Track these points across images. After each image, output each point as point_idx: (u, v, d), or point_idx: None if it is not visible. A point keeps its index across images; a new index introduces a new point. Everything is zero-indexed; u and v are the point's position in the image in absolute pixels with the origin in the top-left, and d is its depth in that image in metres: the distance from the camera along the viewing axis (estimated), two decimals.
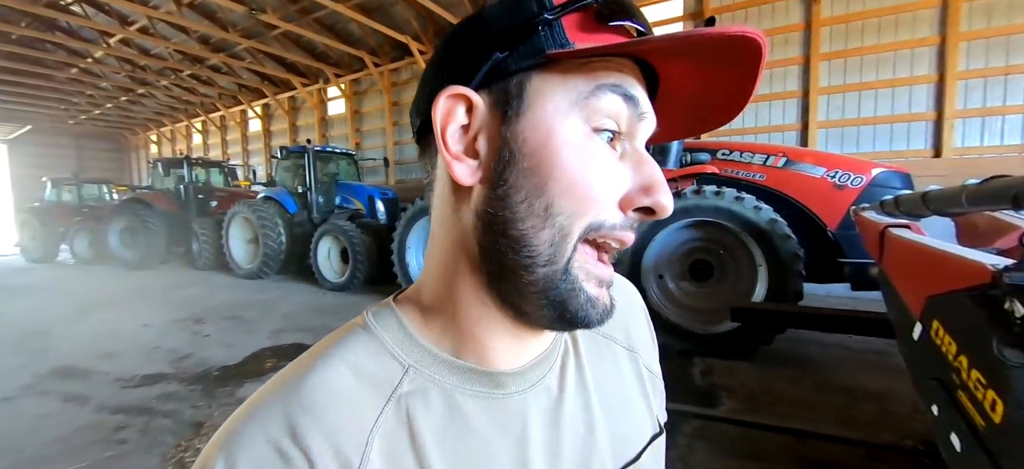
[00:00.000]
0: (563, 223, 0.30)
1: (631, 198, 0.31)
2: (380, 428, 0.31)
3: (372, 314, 0.36)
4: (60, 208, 11.15)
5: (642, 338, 0.48)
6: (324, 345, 0.34)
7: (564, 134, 0.30)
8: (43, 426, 2.69)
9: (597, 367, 0.41)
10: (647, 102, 0.32)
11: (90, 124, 18.68)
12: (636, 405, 0.44)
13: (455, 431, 0.32)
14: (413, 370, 0.33)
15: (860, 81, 5.71)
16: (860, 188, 3.53)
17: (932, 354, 1.16)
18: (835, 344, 3.54)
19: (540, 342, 0.38)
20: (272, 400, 0.30)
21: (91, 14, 10.10)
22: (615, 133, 0.31)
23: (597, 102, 0.30)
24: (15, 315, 5.58)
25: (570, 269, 0.30)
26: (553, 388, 0.37)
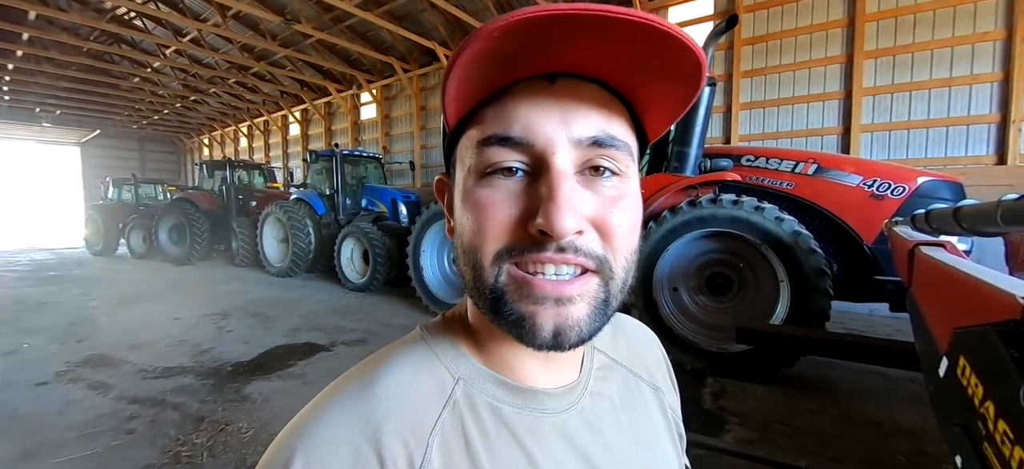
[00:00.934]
0: (474, 257, 0.33)
1: (523, 221, 0.32)
2: (438, 431, 0.33)
3: (426, 329, 0.40)
4: (120, 206, 12.12)
5: (665, 382, 0.51)
6: (386, 353, 0.38)
7: (465, 187, 0.34)
8: (67, 412, 2.87)
9: (626, 400, 0.44)
10: (543, 124, 0.32)
11: (151, 128, 20.27)
12: (663, 441, 0.46)
13: (502, 439, 0.35)
14: (463, 382, 0.36)
15: (911, 81, 5.23)
16: (902, 199, 3.20)
17: (958, 395, 1.01)
18: (869, 370, 3.21)
19: (569, 368, 0.41)
20: (343, 401, 0.34)
21: (150, 27, 10.94)
22: (510, 168, 0.32)
23: (482, 154, 0.33)
24: (68, 304, 6.07)
25: (496, 292, 0.32)
26: (588, 413, 0.40)
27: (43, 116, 17.41)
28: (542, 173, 0.31)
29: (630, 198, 0.34)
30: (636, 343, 0.50)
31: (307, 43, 10.84)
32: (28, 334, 4.59)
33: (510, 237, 0.31)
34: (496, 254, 0.32)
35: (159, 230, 9.95)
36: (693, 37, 0.29)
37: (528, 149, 0.31)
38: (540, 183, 0.31)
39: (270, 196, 9.44)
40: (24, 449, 2.40)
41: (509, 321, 0.32)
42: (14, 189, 24.64)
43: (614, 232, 0.32)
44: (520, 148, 0.32)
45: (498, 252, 0.32)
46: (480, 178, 0.33)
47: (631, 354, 0.48)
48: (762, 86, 6.33)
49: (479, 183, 0.33)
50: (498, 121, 0.32)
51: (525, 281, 0.31)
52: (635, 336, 0.51)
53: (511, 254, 0.31)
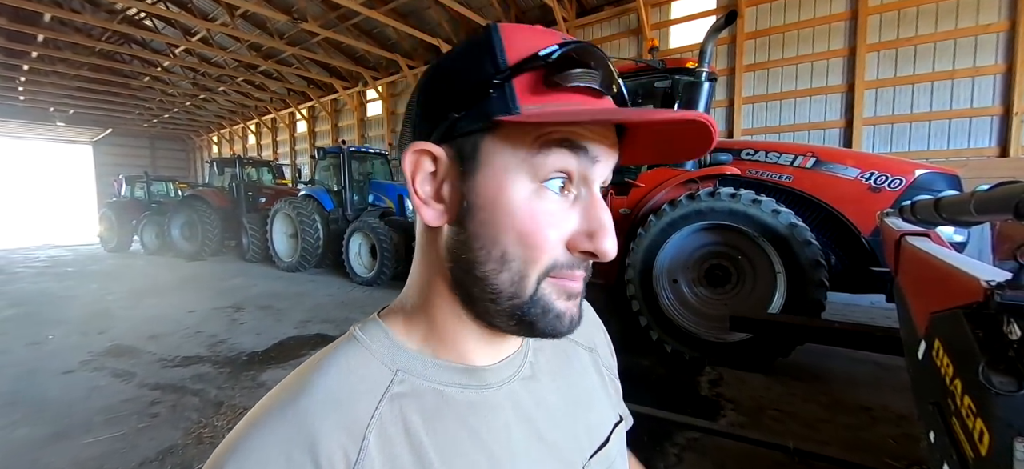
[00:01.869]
0: (519, 267, 0.33)
1: (575, 241, 0.33)
2: (375, 424, 0.33)
3: (359, 328, 0.39)
4: (133, 203, 12.35)
5: (600, 345, 0.54)
6: (317, 359, 0.37)
7: (513, 190, 0.33)
8: (93, 396, 3.03)
9: (564, 364, 0.47)
10: (600, 143, 0.34)
11: (161, 127, 20.57)
12: (599, 396, 0.49)
13: (446, 421, 0.36)
14: (401, 372, 0.36)
15: (913, 73, 5.24)
16: (899, 191, 3.25)
17: (933, 376, 1.09)
18: (863, 360, 3.28)
19: (511, 342, 0.42)
20: (274, 410, 0.33)
21: (160, 27, 11.12)
22: (566, 180, 0.34)
23: (544, 159, 0.32)
24: (87, 298, 6.27)
25: (536, 298, 0.34)
26: (529, 382, 0.42)
27: (57, 115, 17.75)
28: (588, 196, 0.34)
29: None
30: None
31: (314, 41, 10.96)
32: (51, 326, 4.77)
33: (559, 253, 0.33)
34: (546, 268, 0.33)
35: (171, 226, 10.16)
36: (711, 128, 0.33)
37: (591, 164, 0.34)
38: (587, 207, 0.34)
39: (279, 192, 9.59)
40: (56, 431, 2.55)
41: (548, 318, 0.34)
42: (30, 187, 25.16)
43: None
44: (583, 161, 0.33)
45: (547, 267, 0.33)
46: (538, 187, 0.33)
47: None
48: (764, 80, 6.36)
49: (537, 192, 0.33)
50: (564, 129, 0.33)
51: (565, 288, 0.34)
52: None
53: (556, 268, 0.33)
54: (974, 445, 0.80)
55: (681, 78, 3.80)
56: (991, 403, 0.70)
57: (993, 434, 0.70)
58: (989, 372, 0.72)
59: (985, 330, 0.77)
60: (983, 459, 0.74)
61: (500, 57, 0.33)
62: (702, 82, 3.65)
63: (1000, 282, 0.73)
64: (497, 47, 0.33)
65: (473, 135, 0.33)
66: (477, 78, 0.33)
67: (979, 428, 0.79)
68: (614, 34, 7.88)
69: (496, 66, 0.32)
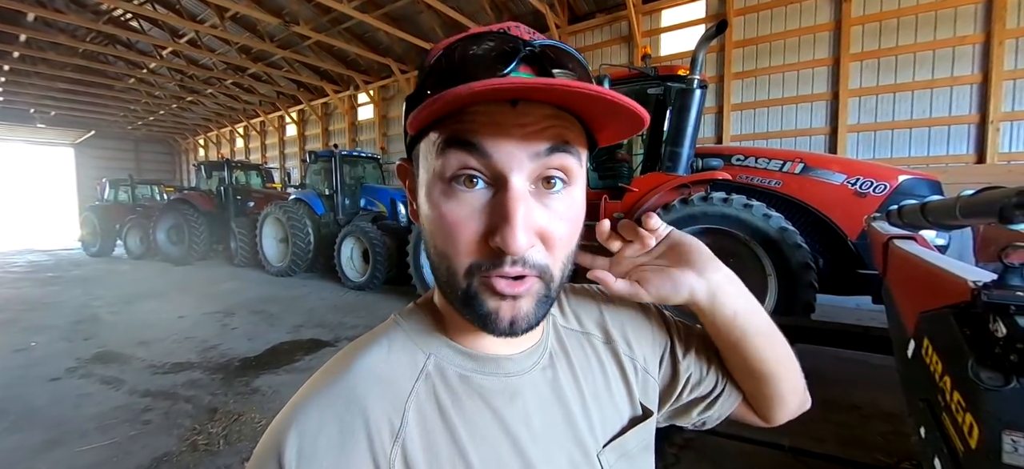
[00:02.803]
0: (448, 264, 0.36)
1: (484, 238, 0.34)
2: (413, 398, 0.38)
3: (399, 314, 0.44)
4: (116, 207, 12.08)
5: (633, 338, 0.53)
6: (361, 341, 0.42)
7: (430, 194, 0.36)
8: (83, 404, 2.96)
9: (582, 359, 0.49)
10: (502, 137, 0.33)
11: (146, 129, 20.19)
12: (614, 390, 0.49)
13: (472, 401, 0.39)
14: (433, 356, 0.41)
15: (895, 82, 5.42)
16: (883, 196, 3.36)
17: (922, 374, 1.13)
18: (853, 360, 3.36)
19: (529, 338, 0.44)
20: (328, 382, 0.38)
21: (147, 28, 10.96)
22: (472, 176, 0.34)
23: (445, 158, 0.34)
24: (71, 303, 6.13)
25: (469, 293, 0.35)
26: (548, 373, 0.45)
27: (37, 117, 17.32)
28: (500, 190, 0.34)
29: (575, 208, 0.37)
30: (583, 306, 0.54)
31: (305, 44, 10.90)
32: (34, 333, 4.66)
33: (477, 254, 0.34)
34: (467, 269, 0.35)
35: (157, 231, 9.96)
36: (633, 101, 0.32)
37: (488, 161, 0.33)
38: (495, 201, 0.34)
39: (268, 197, 9.48)
40: (48, 438, 2.50)
41: (478, 315, 0.35)
42: (8, 190, 24.45)
43: (556, 243, 0.36)
44: (481, 157, 0.33)
45: (469, 267, 0.35)
46: (446, 185, 0.35)
47: (579, 318, 0.52)
48: (752, 88, 6.50)
49: (445, 193, 0.35)
50: (460, 127, 0.33)
51: (490, 285, 0.35)
52: (581, 301, 0.55)
53: (480, 270, 0.34)
54: (964, 439, 0.85)
55: (674, 85, 3.88)
56: (980, 398, 0.74)
57: (982, 428, 0.74)
58: (978, 368, 0.76)
59: (972, 328, 0.81)
60: (973, 452, 0.78)
61: (421, 66, 0.37)
62: (694, 89, 3.73)
63: (986, 282, 0.78)
64: (426, 61, 0.37)
65: (414, 147, 0.39)
66: (413, 96, 0.37)
67: (969, 422, 0.84)
68: (606, 40, 7.99)
69: (423, 84, 0.36)
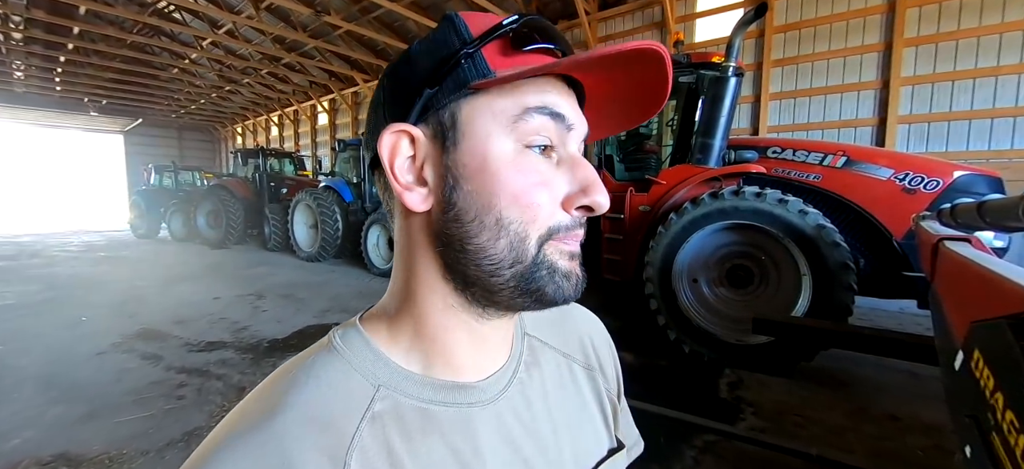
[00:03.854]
0: (517, 229, 0.33)
1: (571, 199, 0.34)
2: (356, 447, 0.31)
3: (339, 335, 0.37)
4: (161, 192, 12.77)
5: (605, 365, 0.51)
6: (291, 369, 0.35)
7: (498, 154, 0.33)
8: (123, 378, 3.15)
9: (557, 382, 0.44)
10: (574, 112, 0.35)
11: (189, 117, 21.16)
12: (593, 419, 0.46)
13: (429, 441, 0.34)
14: (384, 388, 0.34)
15: (954, 70, 4.99)
16: (935, 193, 3.11)
17: (971, 388, 1.04)
18: (890, 367, 3.17)
19: (500, 352, 0.40)
20: (246, 430, 0.31)
21: (188, 20, 11.40)
22: (547, 146, 0.34)
23: (525, 124, 0.33)
24: (118, 282, 6.52)
25: (539, 260, 0.33)
26: (518, 400, 0.40)
27: (91, 106, 18.43)
28: (572, 157, 0.35)
29: None
30: (572, 326, 0.51)
31: (336, 34, 11.08)
32: (85, 308, 4.98)
33: (556, 215, 0.34)
34: (544, 233, 0.33)
35: (197, 215, 10.47)
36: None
37: (565, 132, 0.34)
38: (574, 166, 0.34)
39: (300, 183, 9.77)
40: (89, 410, 2.66)
41: (551, 282, 0.33)
42: (64, 175, 26.25)
43: None
44: (561, 128, 0.34)
45: (549, 229, 0.33)
46: (522, 150, 0.33)
47: (564, 337, 0.49)
48: (793, 75, 6.15)
49: (526, 153, 0.33)
50: (544, 98, 0.33)
51: (567, 247, 0.34)
52: (572, 320, 0.52)
53: (557, 232, 0.33)
54: (1016, 462, 0.76)
55: (707, 73, 3.71)
56: None
57: None
58: None
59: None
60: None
61: (466, 32, 0.34)
62: (729, 77, 3.55)
63: None
64: (461, 26, 0.34)
65: (450, 107, 0.33)
66: (447, 51, 0.33)
67: (1023, 445, 0.74)
68: (638, 27, 7.73)
69: (463, 39, 0.34)
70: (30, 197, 25.10)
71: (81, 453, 2.23)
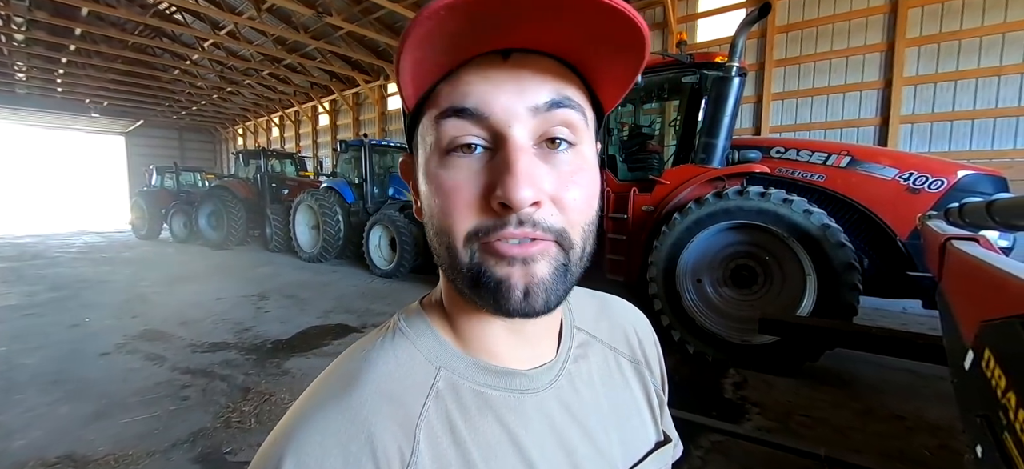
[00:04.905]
0: (445, 239, 0.34)
1: (486, 198, 0.32)
2: (424, 421, 0.34)
3: (404, 319, 0.40)
4: (162, 193, 12.75)
5: (651, 360, 0.52)
6: (363, 349, 0.38)
7: (428, 170, 0.34)
8: (129, 378, 3.15)
9: (605, 375, 0.45)
10: (498, 95, 0.31)
11: (190, 118, 21.19)
12: (641, 413, 0.47)
13: (486, 421, 0.36)
14: (444, 370, 0.37)
15: (957, 69, 4.99)
16: (940, 193, 3.11)
17: (981, 387, 1.04)
18: (899, 367, 3.17)
19: (547, 346, 0.42)
20: (327, 403, 0.34)
21: (189, 21, 11.42)
22: (471, 143, 0.32)
23: (439, 130, 0.33)
24: (121, 283, 6.52)
25: (473, 264, 0.33)
26: (567, 390, 0.41)
27: (92, 107, 18.47)
28: (500, 148, 0.32)
29: (586, 171, 0.34)
30: (618, 320, 0.51)
31: (337, 35, 11.10)
32: (88, 309, 4.98)
33: (476, 217, 0.32)
34: (466, 236, 0.32)
35: (199, 216, 10.47)
36: (636, 12, 0.28)
37: (485, 122, 0.31)
38: (496, 157, 0.32)
39: (301, 184, 9.78)
40: (95, 410, 2.66)
41: (488, 288, 0.32)
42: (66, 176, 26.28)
43: (570, 205, 0.33)
44: (477, 121, 0.32)
45: (468, 234, 0.32)
46: (442, 158, 0.33)
47: (611, 331, 0.49)
48: (795, 75, 6.15)
49: (442, 164, 0.33)
50: (453, 95, 0.32)
51: (495, 251, 0.32)
52: (618, 314, 0.52)
53: (479, 235, 0.32)
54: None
55: (710, 73, 3.71)
56: None
57: None
58: None
59: None
60: None
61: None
62: (732, 77, 3.55)
63: None
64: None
65: (413, 131, 0.36)
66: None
67: None
68: None
69: (406, 107, 0.36)
70: (33, 198, 25.13)
71: (87, 454, 2.23)
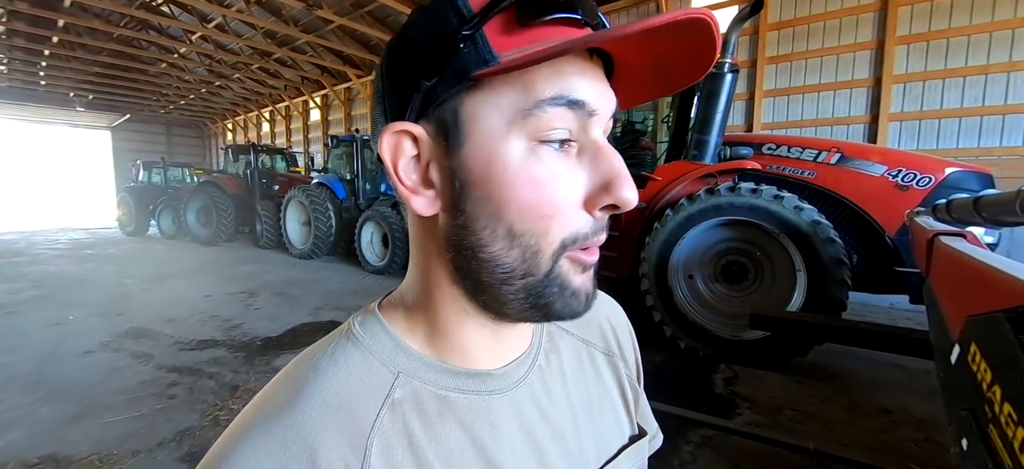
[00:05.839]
0: (529, 242, 0.30)
1: (593, 199, 0.30)
2: (377, 433, 0.31)
3: (358, 323, 0.36)
4: (150, 189, 12.55)
5: (625, 351, 0.50)
6: (311, 356, 0.34)
7: (507, 157, 0.29)
8: (113, 378, 3.09)
9: (577, 369, 0.43)
10: (597, 92, 0.30)
11: (177, 113, 20.85)
12: (615, 407, 0.45)
13: (448, 428, 0.33)
14: (403, 375, 0.34)
15: (945, 67, 5.05)
16: (928, 189, 3.14)
17: (967, 381, 1.05)
18: (885, 362, 3.21)
19: (519, 342, 0.39)
20: (268, 417, 0.31)
21: (176, 13, 11.20)
22: (565, 140, 0.30)
23: (537, 119, 0.29)
24: (106, 280, 6.41)
25: (552, 276, 0.30)
26: (536, 387, 0.38)
27: (76, 101, 18.08)
28: (594, 147, 0.30)
29: None
30: (591, 312, 0.48)
31: (328, 29, 10.95)
32: (72, 307, 4.89)
33: (578, 220, 0.30)
34: (561, 243, 0.30)
35: (187, 212, 10.32)
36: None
37: (586, 118, 0.30)
38: (596, 157, 0.30)
39: (292, 180, 9.66)
40: (78, 410, 2.61)
41: (564, 298, 0.31)
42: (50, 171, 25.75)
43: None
44: (581, 115, 0.29)
45: (565, 240, 0.30)
46: (532, 146, 0.29)
47: (584, 323, 0.47)
48: (787, 73, 6.19)
49: (538, 154, 0.29)
50: (559, 83, 0.29)
51: (580, 260, 0.31)
52: (593, 306, 0.51)
53: (576, 242, 0.30)
54: (1014, 454, 0.76)
55: None
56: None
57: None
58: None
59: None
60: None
61: (464, 6, 0.29)
62: (724, 73, 3.55)
63: None
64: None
65: (451, 101, 0.29)
66: (444, 33, 0.29)
67: (1021, 437, 0.75)
68: None
69: (462, 16, 0.28)
70: (15, 194, 24.59)
71: (70, 454, 2.18)
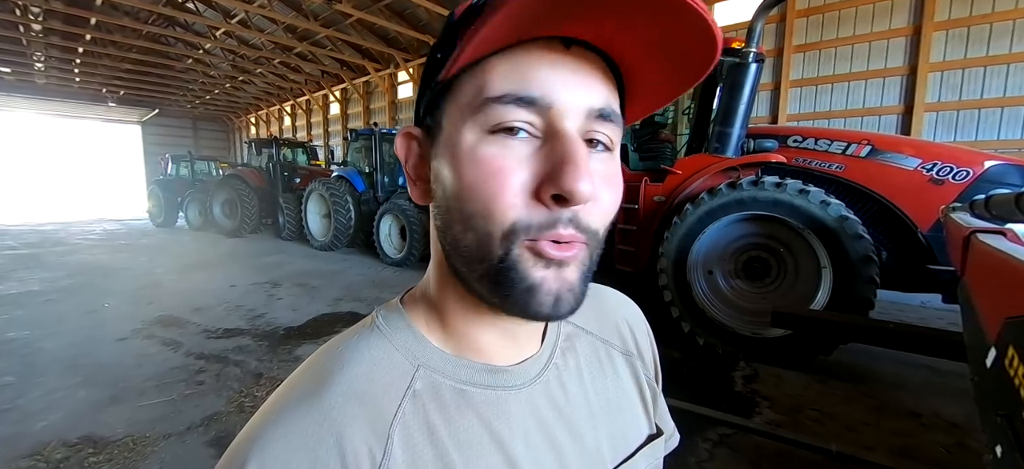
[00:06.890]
0: (478, 224, 0.30)
1: (542, 188, 0.29)
2: (399, 422, 0.33)
3: (382, 316, 0.38)
4: (178, 181, 12.97)
5: (643, 351, 0.50)
6: (336, 347, 0.36)
7: (461, 144, 0.31)
8: (144, 363, 3.22)
9: (595, 369, 0.44)
10: (562, 83, 0.29)
11: (203, 108, 21.46)
12: (632, 406, 0.46)
13: (466, 421, 0.34)
14: (423, 368, 0.35)
15: (986, 54, 4.78)
16: (965, 184, 2.99)
17: (1004, 385, 1.00)
18: (915, 363, 3.09)
19: (533, 340, 0.40)
20: (296, 403, 0.32)
21: (202, 10, 11.48)
22: (517, 129, 0.29)
23: (486, 114, 0.29)
24: (138, 270, 6.67)
25: (506, 262, 0.30)
26: (553, 386, 0.39)
27: (108, 96, 18.80)
28: (553, 137, 0.29)
29: (617, 175, 0.33)
30: (609, 311, 0.49)
31: (347, 23, 11.07)
32: (106, 295, 5.11)
33: (525, 209, 0.29)
34: (509, 228, 0.29)
35: (213, 204, 10.63)
36: (714, 18, 0.27)
37: (545, 112, 0.29)
38: (551, 146, 0.29)
39: (313, 173, 9.84)
40: (112, 394, 2.73)
41: (518, 290, 0.30)
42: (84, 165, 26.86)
43: (604, 208, 0.32)
44: (536, 110, 0.29)
45: (511, 227, 0.29)
46: (484, 135, 0.30)
47: (601, 322, 0.47)
48: (815, 62, 5.96)
49: (484, 140, 0.30)
50: (515, 78, 0.29)
51: (539, 251, 0.30)
52: (609, 305, 0.50)
53: (526, 231, 0.29)
54: None
55: (726, 59, 3.60)
56: None
57: None
58: None
59: None
60: None
61: (452, 18, 0.31)
62: (749, 63, 3.45)
63: None
64: (452, 14, 0.31)
65: (435, 106, 0.33)
66: (437, 46, 0.32)
67: None
68: None
69: (450, 24, 0.31)
70: (53, 187, 25.78)
71: (106, 436, 2.29)
